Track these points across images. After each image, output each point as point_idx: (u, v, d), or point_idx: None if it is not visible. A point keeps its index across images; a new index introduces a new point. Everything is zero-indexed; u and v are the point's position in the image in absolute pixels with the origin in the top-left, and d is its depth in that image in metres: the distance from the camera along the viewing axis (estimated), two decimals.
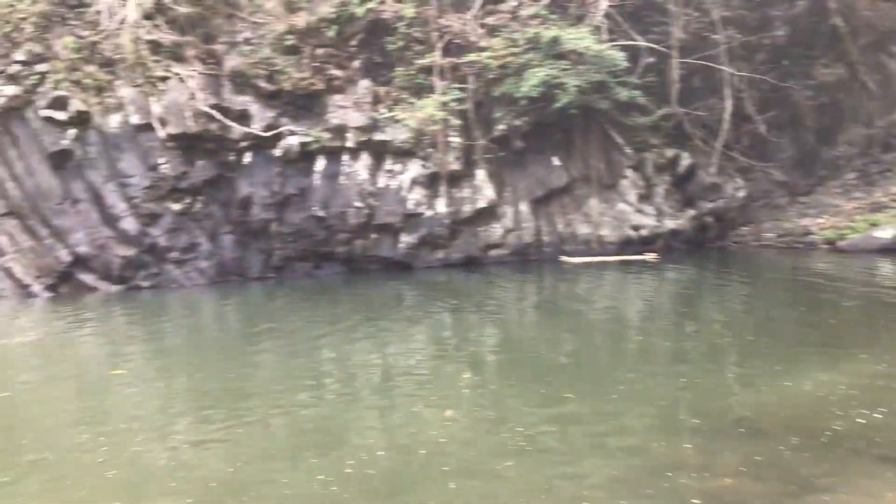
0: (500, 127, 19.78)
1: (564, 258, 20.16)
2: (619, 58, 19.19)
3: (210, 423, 7.53)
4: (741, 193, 22.40)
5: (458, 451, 6.64)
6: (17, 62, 18.45)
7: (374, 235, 19.49)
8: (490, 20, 20.02)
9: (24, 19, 18.52)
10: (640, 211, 21.17)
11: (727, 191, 22.19)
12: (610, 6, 20.20)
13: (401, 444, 6.91)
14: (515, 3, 20.17)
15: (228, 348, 11.62)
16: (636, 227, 21.03)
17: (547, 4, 20.12)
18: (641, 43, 20.53)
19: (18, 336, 12.92)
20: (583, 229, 20.90)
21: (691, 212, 21.72)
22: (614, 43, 19.77)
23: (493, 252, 20.25)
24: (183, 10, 18.53)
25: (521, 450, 6.56)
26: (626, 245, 20.85)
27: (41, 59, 18.49)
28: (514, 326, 12.67)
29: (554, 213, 20.97)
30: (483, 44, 19.47)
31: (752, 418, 7.06)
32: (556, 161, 20.76)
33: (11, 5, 18.59)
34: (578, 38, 18.92)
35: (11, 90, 18.37)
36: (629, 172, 21.26)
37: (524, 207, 20.53)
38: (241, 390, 8.70)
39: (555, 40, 18.98)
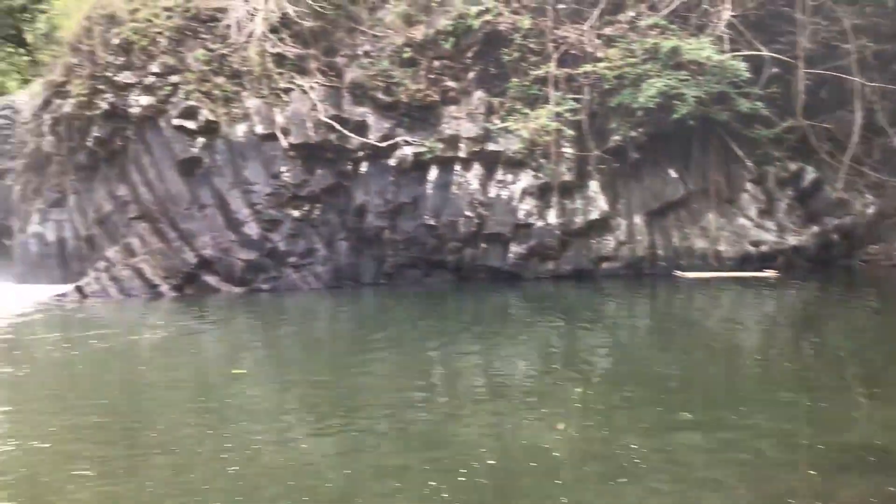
0: (616, 138, 19.51)
1: (679, 273, 19.66)
2: (742, 68, 18.59)
3: (324, 427, 7.74)
4: (871, 210, 21.25)
5: (570, 465, 6.59)
6: (152, 74, 19.57)
7: (483, 245, 19.56)
8: (607, 31, 19.81)
9: (159, 33, 19.62)
10: (760, 226, 20.41)
11: (855, 207, 21.09)
12: (733, 16, 19.61)
13: (512, 455, 6.91)
14: (634, 14, 19.88)
15: (342, 352, 11.91)
16: (756, 243, 20.28)
17: (666, 15, 19.73)
18: (765, 53, 19.83)
19: (147, 333, 13.64)
20: (699, 244, 20.32)
21: (815, 228, 20.76)
22: (736, 53, 19.19)
23: (605, 265, 19.95)
24: (307, 24, 19.18)
25: (635, 468, 6.45)
26: (744, 261, 20.13)
27: (174, 70, 19.54)
28: (627, 342, 12.44)
29: (669, 226, 20.48)
30: (599, 54, 19.27)
31: (882, 447, 6.70)
32: (672, 173, 20.29)
33: (149, 20, 19.72)
34: (699, 48, 18.46)
35: (146, 100, 19.51)
36: (750, 186, 20.53)
37: (638, 220, 20.14)
38: (354, 396, 8.90)
39: (674, 51, 18.58)
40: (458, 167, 19.47)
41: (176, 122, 19.27)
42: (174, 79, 19.45)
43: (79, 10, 21.50)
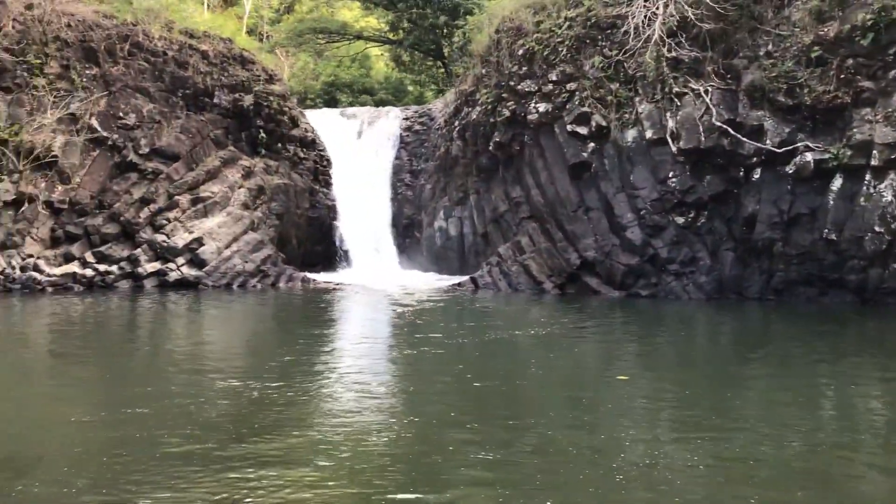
0: None
1: None
2: None
3: (693, 445, 7.44)
4: None
5: None
6: (550, 82, 20.54)
7: (895, 265, 17.28)
8: None
9: (560, 42, 20.49)
10: None
11: None
12: None
13: None
14: None
15: (719, 369, 11.38)
16: None
17: None
18: None
19: (530, 328, 14.34)
20: None
21: None
22: None
23: None
24: (706, 26, 18.63)
25: None
26: None
27: (571, 78, 20.29)
28: None
29: None
30: None
31: None
32: None
33: (552, 31, 20.71)
34: None
35: (544, 107, 20.54)
36: None
37: None
38: (728, 416, 8.43)
39: None
40: (868, 176, 17.44)
41: (570, 127, 19.99)
42: (571, 86, 20.20)
43: (490, 25, 23.35)
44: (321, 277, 23.81)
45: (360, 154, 28.54)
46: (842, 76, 17.71)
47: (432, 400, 8.93)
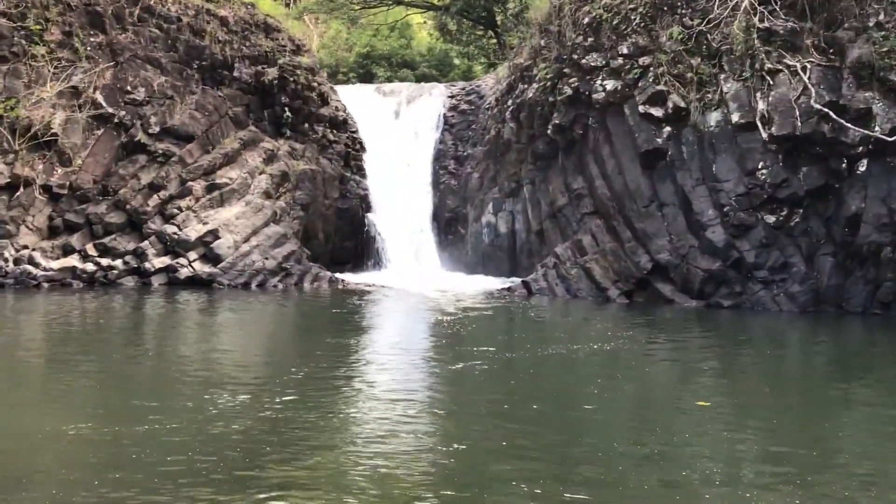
0: None
1: None
2: None
3: (784, 491, 7.21)
4: None
5: None
6: (621, 56, 20.32)
7: None
8: None
9: (633, 9, 20.24)
10: None
11: None
12: None
13: None
14: None
15: (815, 396, 11.08)
16: None
17: None
18: None
19: (592, 343, 14.16)
20: None
21: None
22: None
23: None
24: None
25: None
26: None
27: (645, 51, 20.04)
28: None
29: None
30: None
31: None
32: None
33: None
34: None
35: (612, 85, 20.34)
36: None
37: None
38: (825, 453, 8.17)
39: None
40: None
41: (642, 108, 19.78)
42: (644, 60, 19.96)
43: None
44: (351, 278, 23.88)
45: (398, 137, 28.60)
46: None
47: (476, 425, 8.83)
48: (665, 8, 20.07)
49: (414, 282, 23.26)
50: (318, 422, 8.60)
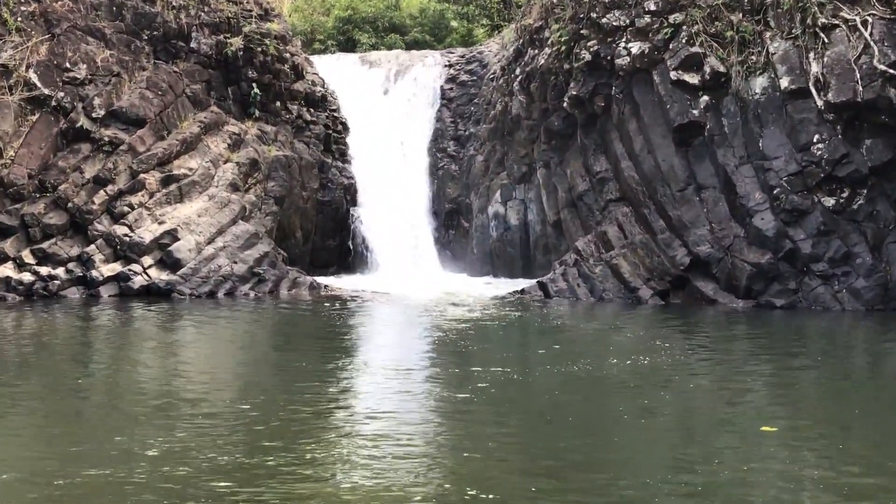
0: None
1: None
2: None
3: None
4: None
5: None
6: (648, 13, 20.13)
7: None
8: None
9: None
10: None
11: None
12: None
13: None
14: None
15: (887, 407, 10.84)
16: None
17: None
18: None
19: (625, 355, 13.87)
20: None
21: None
22: None
23: None
24: None
25: None
26: None
27: (676, 7, 19.86)
28: None
29: None
30: None
31: None
32: None
33: None
34: None
35: (637, 48, 20.16)
36: None
37: None
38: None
39: None
40: None
41: (674, 75, 19.66)
42: (675, 18, 19.81)
43: None
44: (335, 283, 23.73)
45: (388, 115, 28.38)
46: None
47: (488, 460, 8.51)
48: None
49: (409, 286, 23.05)
50: (296, 449, 8.25)
